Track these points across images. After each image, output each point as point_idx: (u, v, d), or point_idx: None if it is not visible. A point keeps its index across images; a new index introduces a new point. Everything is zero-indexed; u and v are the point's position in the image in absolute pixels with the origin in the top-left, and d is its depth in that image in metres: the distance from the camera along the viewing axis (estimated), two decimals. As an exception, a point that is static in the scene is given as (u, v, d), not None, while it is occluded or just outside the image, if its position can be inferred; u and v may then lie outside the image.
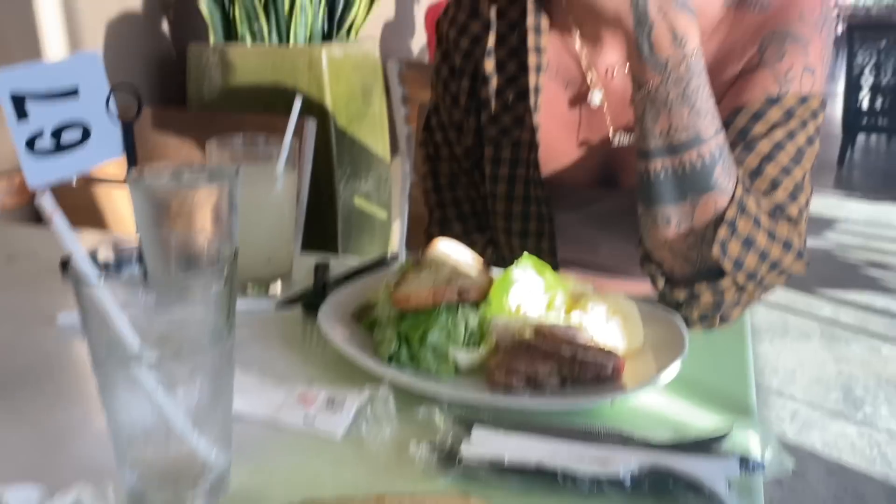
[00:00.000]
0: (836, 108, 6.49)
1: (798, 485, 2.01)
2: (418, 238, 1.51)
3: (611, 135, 0.93)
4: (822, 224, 4.26)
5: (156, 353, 0.48)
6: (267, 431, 0.61)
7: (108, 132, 0.82)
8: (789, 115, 0.81)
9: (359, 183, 2.04)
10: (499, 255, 1.04)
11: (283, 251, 0.89)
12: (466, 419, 0.60)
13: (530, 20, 0.93)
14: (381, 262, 0.99)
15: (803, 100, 0.82)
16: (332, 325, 0.74)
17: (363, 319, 0.76)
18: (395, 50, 3.49)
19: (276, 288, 0.91)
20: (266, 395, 0.64)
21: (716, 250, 0.75)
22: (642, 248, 0.84)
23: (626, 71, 0.86)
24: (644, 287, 1.01)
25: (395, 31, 3.49)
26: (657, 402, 0.66)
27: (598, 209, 0.97)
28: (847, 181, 5.50)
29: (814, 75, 0.83)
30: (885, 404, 2.41)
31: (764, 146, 0.80)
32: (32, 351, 0.75)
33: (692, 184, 0.74)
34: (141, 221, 0.72)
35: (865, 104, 5.75)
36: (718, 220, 0.75)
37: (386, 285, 0.77)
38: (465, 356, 0.68)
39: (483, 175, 1.02)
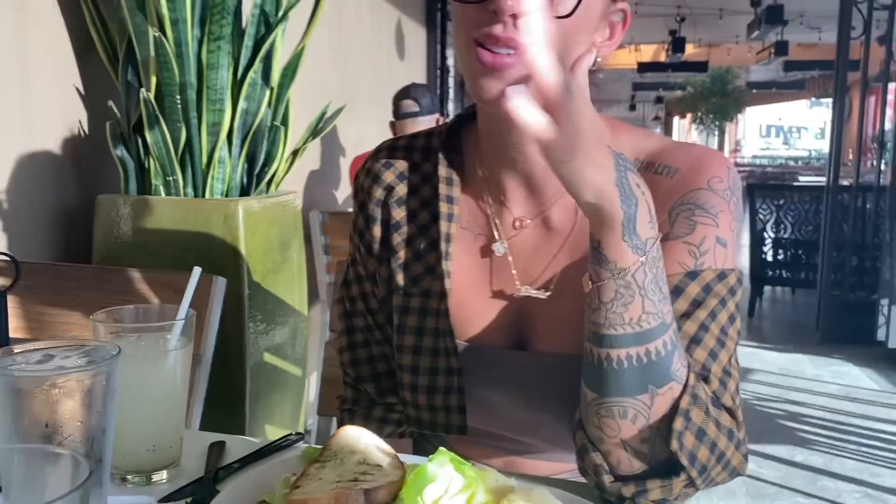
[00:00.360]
0: (745, 261, 6.83)
1: None
2: (333, 400, 1.42)
3: (518, 286, 0.90)
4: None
5: None
6: None
7: (-25, 303, 0.73)
8: (708, 290, 0.79)
9: (272, 337, 1.94)
10: (405, 414, 0.97)
11: (169, 438, 0.79)
12: None
13: (442, 171, 0.94)
14: (283, 444, 0.89)
15: (721, 276, 0.80)
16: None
17: (256, 525, 0.66)
18: (319, 200, 3.50)
19: (162, 477, 0.80)
20: None
21: (674, 444, 0.70)
22: (582, 435, 0.77)
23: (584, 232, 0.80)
24: (563, 466, 0.95)
25: (319, 182, 3.52)
26: None
27: (507, 371, 0.91)
28: (759, 332, 5.69)
29: (727, 248, 0.81)
30: (815, 568, 2.35)
31: (689, 327, 0.77)
32: None
33: (654, 374, 0.70)
34: (1, 412, 0.62)
35: (770, 257, 6.07)
36: (673, 410, 0.71)
37: (283, 482, 0.68)
38: (370, 573, 0.59)
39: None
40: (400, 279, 0.94)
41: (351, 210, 1.07)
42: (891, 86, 4.83)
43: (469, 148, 0.96)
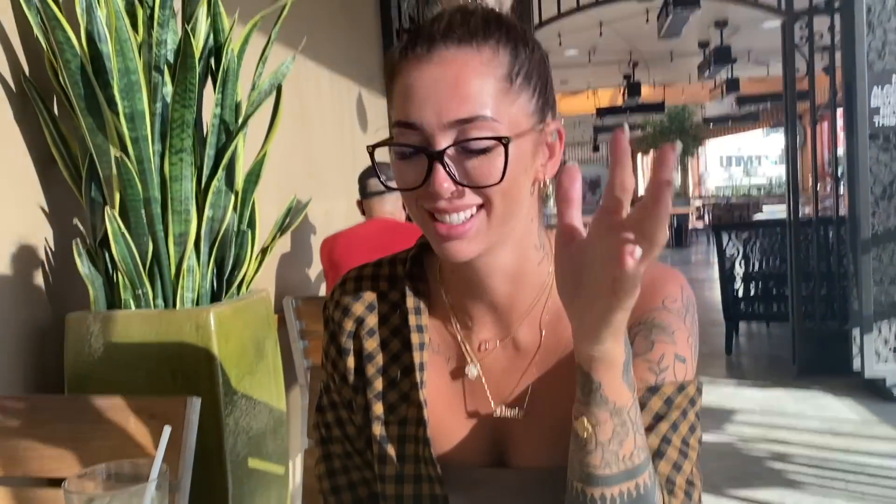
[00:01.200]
0: (717, 296, 6.92)
1: None
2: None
3: (493, 406, 0.92)
4: (721, 416, 4.35)
5: None
6: None
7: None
8: (669, 403, 0.82)
9: (253, 433, 1.94)
10: None
11: None
12: None
13: (410, 302, 0.96)
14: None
15: (681, 388, 0.83)
16: None
17: None
18: (291, 283, 3.51)
19: None
20: None
21: None
22: None
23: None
24: None
25: (290, 265, 3.54)
26: None
27: (490, 490, 0.92)
28: (737, 368, 5.74)
29: (685, 363, 0.85)
30: None
31: (652, 441, 0.79)
32: None
33: None
34: None
35: (741, 292, 6.16)
36: None
37: None
38: None
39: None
40: (377, 409, 0.95)
41: (324, 292, 1.08)
42: (839, 111, 4.99)
43: (432, 275, 0.98)
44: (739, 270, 6.18)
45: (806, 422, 4.24)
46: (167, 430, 0.81)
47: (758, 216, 11.73)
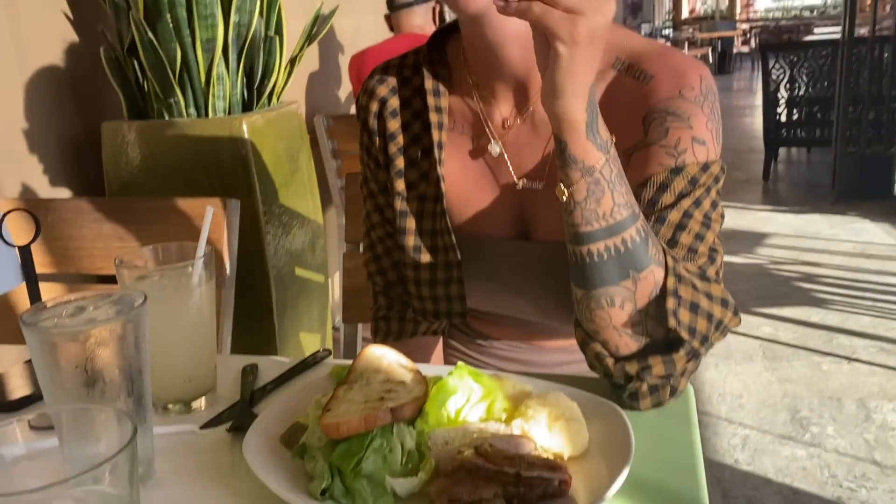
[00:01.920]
0: (758, 123, 6.72)
1: (756, 515, 2.02)
2: (356, 308, 1.47)
3: (515, 179, 0.96)
4: (753, 240, 4.37)
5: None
6: None
7: (2, 259, 0.76)
8: (694, 182, 0.83)
9: (291, 247, 1.99)
10: (412, 307, 1.05)
11: (204, 368, 0.84)
12: (407, 567, 0.55)
13: (428, 84, 0.99)
14: (312, 362, 0.94)
15: (705, 167, 0.84)
16: (259, 458, 0.68)
17: (292, 446, 0.71)
18: (321, 103, 3.46)
19: (201, 404, 0.85)
20: (189, 554, 0.59)
21: (671, 322, 0.75)
22: (580, 331, 0.82)
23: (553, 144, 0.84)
24: (567, 342, 1.02)
25: (320, 84, 3.46)
26: (608, 515, 0.63)
27: (512, 261, 0.98)
28: (773, 195, 5.68)
29: (705, 145, 0.84)
30: (830, 423, 2.45)
31: (674, 216, 0.82)
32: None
33: (632, 261, 0.75)
34: (38, 363, 0.66)
35: (784, 118, 5.96)
36: (662, 293, 0.76)
37: (316, 405, 0.72)
38: (403, 484, 0.64)
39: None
40: (398, 185, 1.00)
41: (353, 111, 1.15)
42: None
43: (455, 58, 1.00)
44: (784, 94, 5.94)
45: (839, 245, 4.24)
46: (210, 210, 0.82)
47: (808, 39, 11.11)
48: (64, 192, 1.87)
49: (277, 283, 1.93)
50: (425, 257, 1.00)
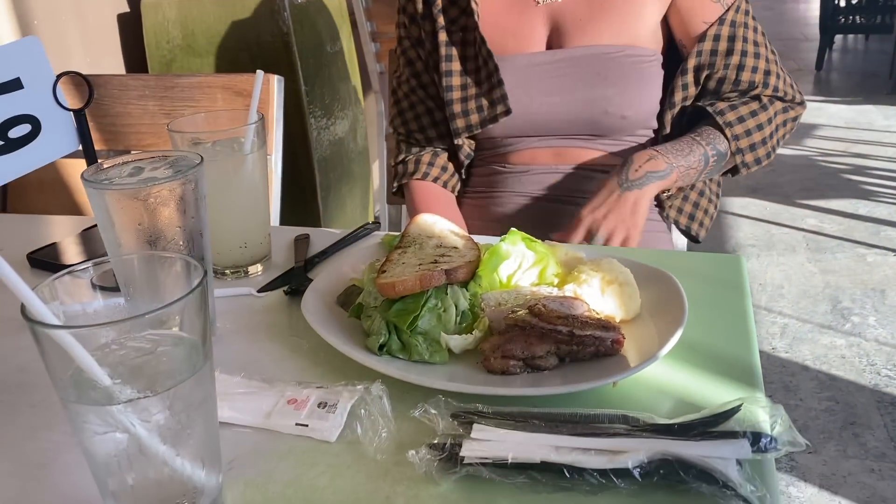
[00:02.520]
0: (813, 9, 6.37)
1: (790, 399, 2.05)
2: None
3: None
4: (802, 131, 4.23)
5: (128, 388, 0.45)
6: (259, 439, 0.59)
7: (59, 123, 0.77)
8: (734, 25, 1.09)
9: (334, 130, 1.98)
10: (455, 129, 1.17)
11: (258, 234, 0.85)
12: (466, 415, 0.57)
13: None
14: (362, 234, 0.95)
15: (737, 8, 1.10)
16: (317, 316, 0.70)
17: (348, 306, 0.73)
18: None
19: (257, 270, 0.87)
20: (255, 401, 0.62)
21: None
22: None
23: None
24: (607, 158, 1.17)
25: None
26: (659, 374, 0.64)
27: (544, 70, 1.12)
28: (826, 85, 5.45)
29: None
30: (872, 313, 2.44)
31: (735, 59, 1.10)
32: (2, 364, 0.72)
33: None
34: (102, 222, 0.67)
35: (843, 2, 5.64)
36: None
37: (370, 268, 0.73)
38: (457, 341, 0.65)
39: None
40: (440, 20, 1.15)
41: None
42: None
43: None
44: (844, -23, 5.60)
45: (893, 137, 4.08)
46: (260, 73, 0.81)
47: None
48: (107, 72, 1.87)
49: (321, 166, 1.93)
50: (470, 75, 1.14)
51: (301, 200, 1.90)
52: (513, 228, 0.73)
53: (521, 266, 0.72)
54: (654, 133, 1.17)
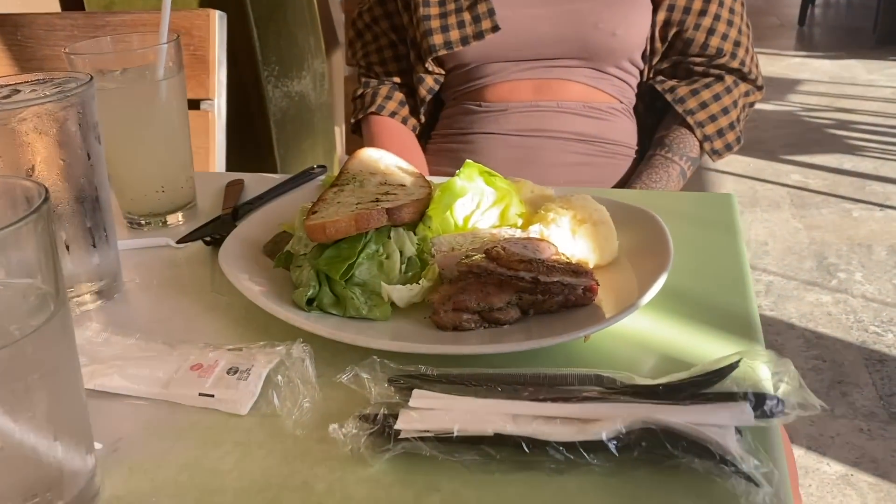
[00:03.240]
0: (796, -37, 6.24)
1: (776, 360, 1.97)
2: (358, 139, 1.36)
3: None
4: (785, 87, 4.12)
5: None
6: (154, 413, 0.48)
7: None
8: None
9: (292, 83, 1.84)
10: (430, 45, 1.06)
11: (178, 176, 0.74)
12: (405, 379, 0.47)
13: None
14: (305, 177, 0.84)
15: None
16: (237, 267, 0.59)
17: (276, 255, 0.62)
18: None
19: (178, 219, 0.76)
20: (152, 367, 0.51)
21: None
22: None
23: None
24: (590, 93, 1.07)
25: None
26: (640, 327, 0.54)
27: (536, 16, 1.04)
28: (809, 40, 5.34)
29: None
30: (858, 269, 2.36)
31: (706, 21, 1.04)
32: None
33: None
34: (-27, 158, 0.55)
35: (826, -45, 5.51)
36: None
37: (302, 210, 0.62)
38: (402, 292, 0.55)
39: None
40: None
41: None
42: None
43: None
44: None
45: (877, 91, 3.99)
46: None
47: None
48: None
49: (277, 120, 1.80)
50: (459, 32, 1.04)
51: (256, 157, 1.77)
52: (468, 160, 0.62)
53: (479, 206, 0.62)
54: (637, 80, 1.07)
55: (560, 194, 0.64)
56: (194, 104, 1.17)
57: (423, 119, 1.15)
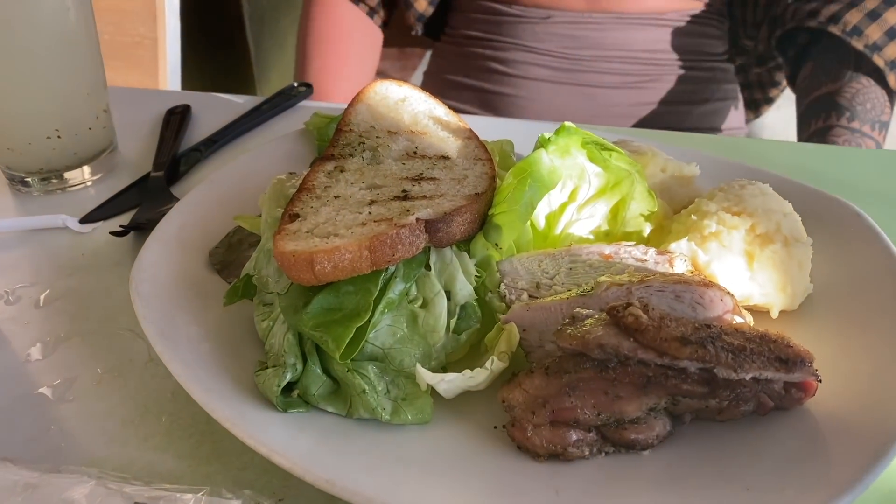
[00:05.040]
0: None
1: None
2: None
3: None
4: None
5: None
6: None
7: None
8: None
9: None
10: None
11: (83, 112, 0.47)
12: None
13: None
14: (281, 102, 0.57)
15: None
16: (163, 304, 0.34)
17: (229, 274, 0.36)
18: None
19: (83, 177, 0.49)
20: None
21: None
22: None
23: None
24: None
25: None
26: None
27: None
28: None
29: None
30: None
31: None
32: None
33: None
34: None
35: None
36: None
37: (273, 192, 0.37)
38: (451, 382, 0.30)
39: None
40: None
41: None
42: None
43: None
44: None
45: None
46: None
47: None
48: None
49: (254, 20, 1.45)
50: None
51: (229, 65, 1.45)
52: (566, 123, 0.35)
53: (574, 197, 0.36)
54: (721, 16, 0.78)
55: (709, 172, 0.38)
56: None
57: (428, 11, 0.85)
